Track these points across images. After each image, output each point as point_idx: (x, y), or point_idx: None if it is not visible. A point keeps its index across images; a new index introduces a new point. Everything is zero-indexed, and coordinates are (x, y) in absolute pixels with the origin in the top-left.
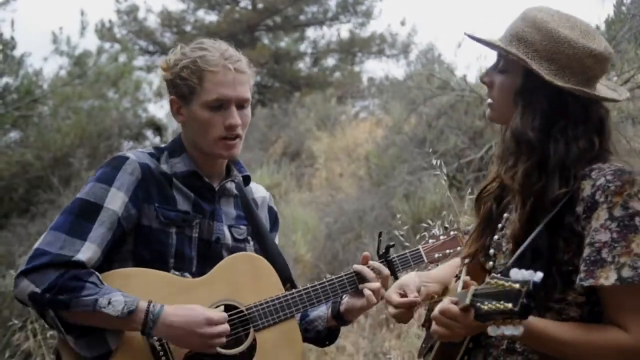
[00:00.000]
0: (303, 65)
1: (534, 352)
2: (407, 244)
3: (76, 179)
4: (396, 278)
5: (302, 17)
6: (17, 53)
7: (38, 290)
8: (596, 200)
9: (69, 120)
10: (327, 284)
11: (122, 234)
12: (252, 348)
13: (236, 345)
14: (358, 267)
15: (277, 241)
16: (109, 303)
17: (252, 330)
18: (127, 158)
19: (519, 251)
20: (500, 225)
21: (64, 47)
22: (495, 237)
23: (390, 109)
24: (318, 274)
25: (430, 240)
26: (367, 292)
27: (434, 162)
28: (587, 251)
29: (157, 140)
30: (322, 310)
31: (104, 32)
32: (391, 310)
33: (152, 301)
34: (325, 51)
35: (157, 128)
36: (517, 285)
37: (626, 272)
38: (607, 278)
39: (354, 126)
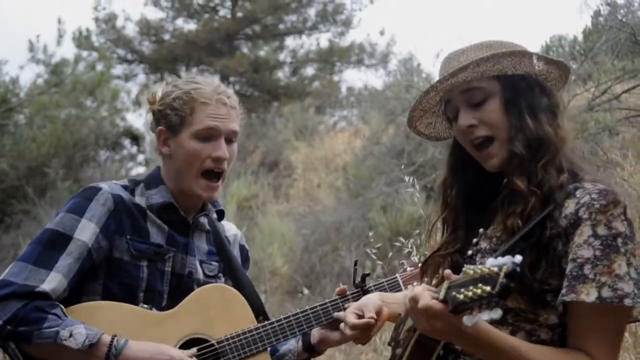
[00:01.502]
0: (282, 74)
1: None
2: (378, 262)
3: (51, 189)
4: None
5: (281, 26)
6: None
7: (0, 321)
8: (580, 217)
9: (45, 130)
10: (300, 315)
11: (92, 266)
12: None
13: None
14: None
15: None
16: (70, 335)
17: None
18: (99, 189)
19: (501, 249)
20: (475, 240)
21: (40, 56)
22: (469, 252)
23: (368, 119)
24: (295, 287)
25: (409, 269)
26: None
27: (406, 179)
28: (569, 266)
29: (134, 149)
30: (291, 344)
31: (82, 40)
32: (347, 331)
33: (116, 335)
34: (305, 60)
35: (135, 137)
36: (495, 269)
37: (606, 293)
38: (588, 294)
39: (332, 136)
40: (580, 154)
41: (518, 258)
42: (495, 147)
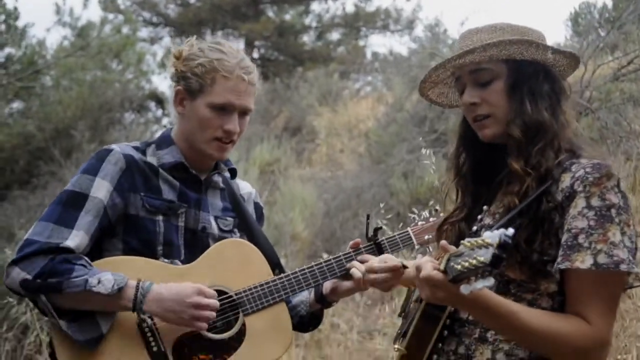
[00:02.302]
0: (307, 38)
1: (505, 342)
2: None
3: (77, 151)
4: None
5: None
6: (20, 23)
7: (29, 276)
8: (575, 190)
9: (71, 92)
10: (315, 267)
11: (108, 223)
12: (242, 332)
13: (226, 330)
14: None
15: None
16: (99, 282)
17: (241, 314)
18: (110, 150)
19: (498, 224)
20: (479, 217)
21: (66, 19)
22: (475, 227)
23: (392, 86)
24: (315, 251)
25: (420, 222)
26: (356, 274)
27: (423, 151)
28: (564, 237)
29: (159, 112)
30: (304, 295)
31: (108, 4)
32: (372, 276)
33: (141, 279)
34: (330, 25)
35: (160, 100)
36: (489, 240)
37: (602, 259)
38: (583, 262)
39: (355, 102)
40: (603, 124)
41: (510, 231)
42: (490, 121)
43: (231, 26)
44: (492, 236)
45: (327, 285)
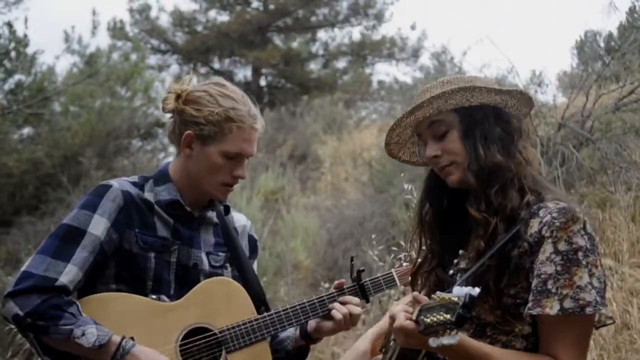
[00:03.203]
0: (314, 66)
1: None
2: (381, 263)
3: (85, 178)
4: (367, 301)
5: (313, 19)
6: (29, 51)
7: (21, 313)
8: (542, 235)
9: (79, 119)
10: (298, 307)
11: (104, 257)
12: None
13: None
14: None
15: (255, 267)
16: (83, 334)
17: (224, 351)
18: (110, 186)
19: (467, 274)
20: (455, 260)
21: (75, 46)
22: (451, 271)
23: (396, 114)
24: (317, 280)
25: (405, 263)
26: (337, 315)
27: (405, 186)
28: (534, 282)
29: (166, 140)
30: (290, 331)
31: (116, 31)
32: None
33: (125, 337)
34: (336, 53)
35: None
36: (455, 299)
37: (568, 304)
38: (552, 308)
39: (360, 130)
40: (604, 155)
41: (476, 290)
42: (453, 167)
43: (238, 54)
44: (459, 294)
45: (311, 324)
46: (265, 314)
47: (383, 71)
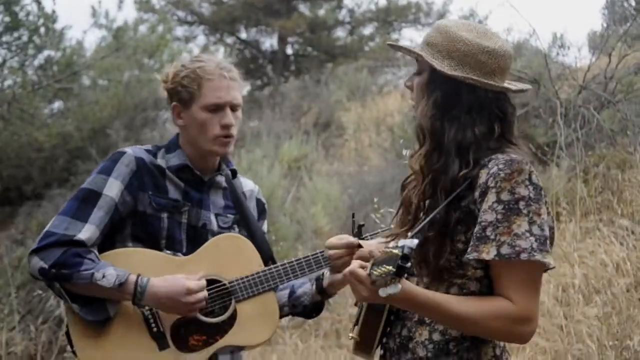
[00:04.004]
0: (340, 32)
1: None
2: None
3: (114, 150)
4: None
5: None
6: (58, 26)
7: (45, 265)
8: (488, 185)
9: (107, 92)
10: (303, 260)
11: (119, 218)
12: (233, 317)
13: (220, 313)
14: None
15: (265, 228)
16: (104, 276)
17: (233, 301)
18: (124, 152)
19: (419, 225)
20: (422, 214)
21: (102, 20)
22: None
23: None
24: None
25: None
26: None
27: (403, 152)
28: (476, 229)
29: None
30: (307, 287)
31: (142, 4)
32: (330, 252)
33: (140, 274)
34: (362, 20)
35: None
36: (396, 251)
37: (504, 250)
38: (488, 253)
39: (383, 96)
40: (624, 116)
41: (414, 242)
42: None
43: (264, 23)
44: (400, 245)
45: (326, 280)
46: (272, 265)
47: (408, 37)
